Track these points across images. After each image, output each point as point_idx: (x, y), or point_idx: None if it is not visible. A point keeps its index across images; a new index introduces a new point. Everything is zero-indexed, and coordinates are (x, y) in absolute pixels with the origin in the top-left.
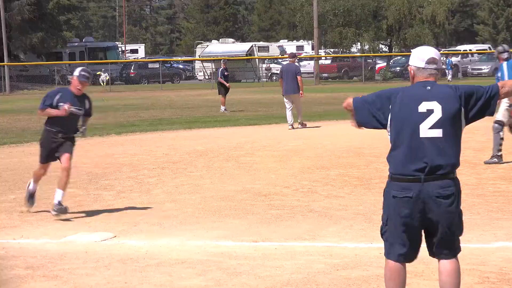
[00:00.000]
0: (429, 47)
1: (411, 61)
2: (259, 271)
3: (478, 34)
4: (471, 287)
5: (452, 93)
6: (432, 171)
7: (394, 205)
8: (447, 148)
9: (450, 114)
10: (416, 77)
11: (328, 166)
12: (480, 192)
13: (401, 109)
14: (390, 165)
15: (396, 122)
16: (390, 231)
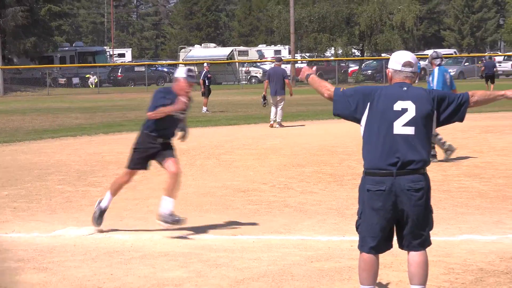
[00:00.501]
0: (407, 52)
1: (389, 64)
2: (238, 263)
3: (444, 40)
4: (437, 278)
5: (426, 95)
6: (403, 165)
7: (368, 199)
8: (418, 145)
9: (422, 114)
10: (394, 79)
11: (303, 163)
12: (446, 188)
13: (377, 106)
14: (365, 161)
15: (372, 118)
16: (364, 224)
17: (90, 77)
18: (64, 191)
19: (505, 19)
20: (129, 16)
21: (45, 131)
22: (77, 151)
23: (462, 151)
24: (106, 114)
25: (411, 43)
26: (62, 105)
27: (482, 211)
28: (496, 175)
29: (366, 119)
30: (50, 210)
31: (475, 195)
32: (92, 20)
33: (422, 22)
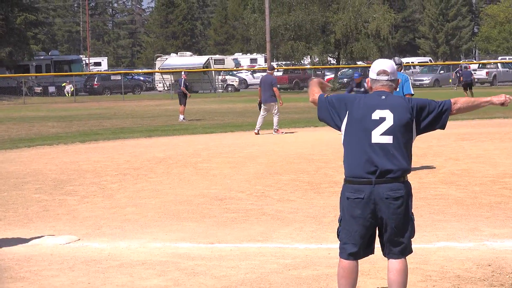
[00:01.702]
0: (385, 60)
1: (369, 73)
2: (215, 271)
3: (419, 48)
4: (414, 285)
5: (405, 104)
6: (382, 174)
7: (347, 206)
8: (396, 154)
9: (401, 123)
10: (373, 88)
11: (280, 171)
12: (423, 195)
13: (356, 115)
14: (345, 169)
15: (351, 126)
16: (344, 232)
17: (66, 86)
18: (40, 200)
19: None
20: (105, 25)
21: (21, 140)
22: (54, 160)
23: (439, 159)
24: (83, 122)
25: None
26: (38, 114)
27: (459, 218)
28: (472, 182)
29: (345, 127)
30: (27, 219)
31: (452, 202)
32: (67, 28)
33: (398, 30)
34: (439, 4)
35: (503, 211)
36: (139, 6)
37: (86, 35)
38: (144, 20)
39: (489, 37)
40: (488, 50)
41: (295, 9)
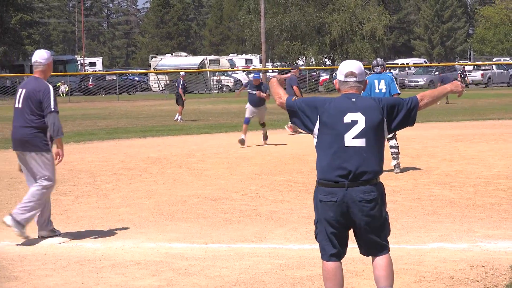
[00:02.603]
0: (352, 62)
1: (337, 75)
2: (209, 271)
3: (415, 49)
4: (408, 286)
5: (375, 105)
6: (355, 177)
7: (321, 209)
8: (369, 156)
9: (373, 125)
10: (341, 90)
11: (274, 172)
12: (417, 197)
13: (328, 119)
14: (318, 171)
15: (323, 130)
16: (320, 233)
17: (61, 86)
18: None
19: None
20: (100, 25)
21: None
22: None
23: (433, 160)
24: (77, 122)
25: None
26: None
27: (453, 219)
28: (466, 183)
29: (317, 130)
30: None
31: (446, 203)
32: (62, 29)
33: (393, 31)
34: (434, 5)
35: (497, 212)
36: (134, 7)
37: (81, 35)
38: (139, 21)
39: (484, 38)
40: (483, 51)
41: (290, 9)
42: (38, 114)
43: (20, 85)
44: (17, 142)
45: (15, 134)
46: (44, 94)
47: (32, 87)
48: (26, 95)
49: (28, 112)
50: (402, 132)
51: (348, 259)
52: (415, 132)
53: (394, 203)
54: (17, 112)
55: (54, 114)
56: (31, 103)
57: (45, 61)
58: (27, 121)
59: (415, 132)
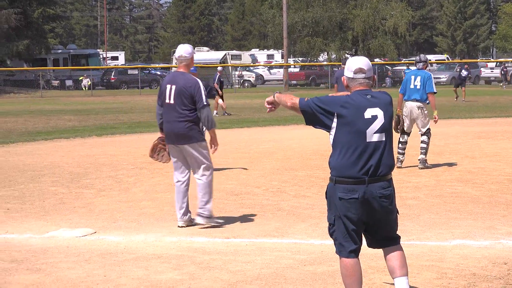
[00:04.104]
0: (360, 58)
1: (344, 72)
2: (231, 266)
3: (437, 45)
4: (430, 282)
5: (390, 99)
6: (375, 173)
7: (341, 206)
8: (388, 151)
9: (390, 119)
10: (350, 87)
11: (296, 167)
12: (438, 193)
13: (347, 116)
14: (334, 169)
15: (342, 128)
16: (338, 231)
17: (83, 80)
18: (57, 193)
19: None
20: (123, 19)
21: (38, 133)
22: (71, 153)
23: (455, 157)
24: (100, 116)
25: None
26: (55, 107)
27: (475, 216)
28: (489, 180)
29: (335, 128)
30: (43, 212)
31: (468, 200)
32: (85, 23)
33: (415, 28)
34: (457, 2)
35: None
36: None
37: (103, 29)
38: (162, 15)
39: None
40: (506, 48)
41: (313, 5)
42: (191, 108)
43: (166, 80)
44: (172, 136)
45: (169, 129)
46: (195, 89)
47: (183, 82)
48: (178, 91)
49: (181, 107)
50: None
51: (369, 255)
52: (437, 129)
53: (416, 199)
54: (169, 107)
55: (207, 108)
56: (184, 98)
57: (189, 56)
58: (182, 116)
59: (437, 129)
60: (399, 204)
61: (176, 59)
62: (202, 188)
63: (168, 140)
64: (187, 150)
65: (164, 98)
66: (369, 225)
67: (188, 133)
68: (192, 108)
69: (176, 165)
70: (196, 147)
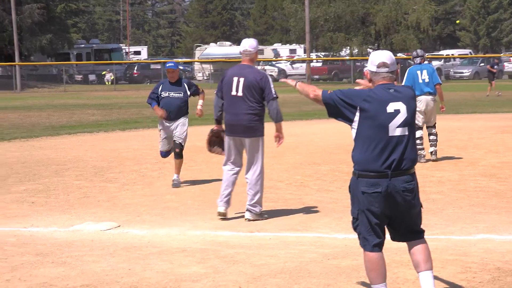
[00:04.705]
0: (383, 52)
1: (368, 65)
2: (255, 259)
3: (460, 40)
4: (454, 276)
5: (413, 93)
6: (398, 167)
7: (364, 201)
8: (410, 145)
9: (412, 114)
10: (373, 81)
11: (319, 162)
12: (462, 188)
13: (370, 110)
14: (357, 163)
15: (364, 122)
16: (362, 225)
17: (106, 74)
18: (81, 187)
19: None
20: (145, 14)
21: (62, 127)
22: (94, 147)
23: (479, 151)
24: (123, 111)
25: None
26: (78, 101)
27: (499, 210)
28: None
29: (358, 122)
30: (68, 205)
31: (492, 194)
32: (108, 17)
33: (438, 22)
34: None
35: None
36: None
37: (126, 24)
38: (184, 10)
39: None
40: None
41: (335, 0)
42: (260, 101)
43: (230, 73)
44: (239, 128)
45: (235, 121)
46: (265, 82)
47: (253, 76)
48: (247, 83)
49: (251, 100)
50: (447, 123)
51: (393, 249)
52: (461, 123)
53: (439, 194)
54: (236, 100)
55: (276, 100)
56: (253, 91)
57: (253, 50)
58: (251, 108)
59: (460, 123)
60: (423, 198)
61: (240, 53)
62: (253, 185)
63: (231, 132)
64: (248, 144)
65: (229, 90)
66: (392, 219)
67: (255, 126)
68: (260, 101)
69: (230, 156)
70: (258, 142)
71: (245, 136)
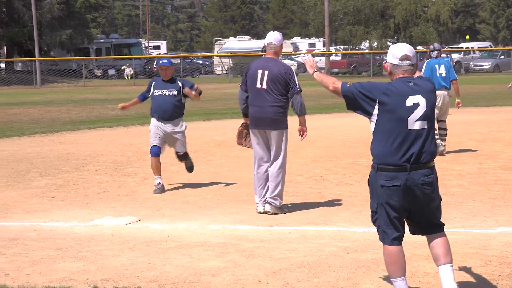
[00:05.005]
0: (404, 45)
1: (388, 58)
2: (274, 253)
3: (480, 33)
4: (474, 269)
5: (432, 87)
6: (417, 160)
7: (383, 194)
8: (430, 138)
9: (432, 107)
10: (393, 74)
11: (338, 155)
12: (482, 181)
13: (389, 103)
14: (376, 157)
15: (384, 115)
16: (381, 219)
17: (126, 69)
18: (101, 181)
19: None
20: (164, 8)
21: (82, 122)
22: (114, 142)
23: (498, 144)
24: (142, 105)
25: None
26: (98, 96)
27: None
28: None
29: (377, 115)
30: (88, 200)
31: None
32: (127, 12)
33: (458, 15)
34: None
35: None
36: None
37: (145, 18)
38: (203, 4)
39: None
40: None
41: None
42: (284, 94)
43: (255, 66)
44: (261, 121)
45: (259, 113)
46: (290, 75)
47: (277, 68)
48: (271, 76)
49: (276, 93)
50: (467, 116)
51: (413, 242)
52: (481, 116)
53: (459, 187)
54: (261, 92)
55: (300, 94)
56: (278, 84)
57: (278, 43)
58: (276, 101)
59: (480, 116)
60: (442, 191)
61: (265, 46)
62: (275, 177)
63: (255, 125)
64: (272, 136)
65: (254, 83)
66: (411, 213)
67: (279, 119)
68: (285, 94)
69: (259, 151)
70: (281, 134)
71: (270, 129)
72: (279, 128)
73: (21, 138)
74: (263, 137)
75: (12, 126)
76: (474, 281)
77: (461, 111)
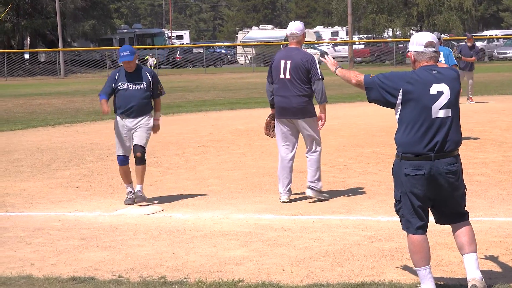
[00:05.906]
0: (427, 33)
1: (411, 47)
2: (298, 242)
3: (503, 21)
4: (499, 258)
5: (456, 75)
6: (441, 149)
7: (407, 183)
8: (454, 127)
9: (456, 95)
10: (417, 62)
11: (362, 144)
12: (506, 169)
13: (413, 92)
14: (400, 145)
15: (407, 104)
16: (405, 208)
17: (149, 59)
18: None
19: None
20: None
21: None
22: None
23: None
24: (166, 95)
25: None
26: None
27: None
28: None
29: (401, 105)
30: (112, 190)
31: None
32: (150, 2)
33: (481, 3)
34: None
35: None
36: None
37: (168, 8)
38: None
39: None
40: None
41: None
42: (307, 82)
43: (278, 56)
44: (288, 111)
45: (285, 103)
46: (311, 63)
47: (300, 57)
48: (294, 65)
49: (298, 82)
50: (491, 105)
51: (437, 231)
52: (505, 105)
53: (483, 175)
54: (285, 82)
55: (322, 81)
56: (301, 73)
57: (300, 32)
58: (300, 90)
59: (505, 104)
60: (466, 180)
61: (287, 36)
62: (314, 162)
63: (282, 115)
64: (301, 125)
65: (278, 74)
66: (435, 201)
67: (305, 107)
68: (308, 82)
69: (284, 141)
70: (310, 122)
71: (297, 118)
72: (307, 116)
73: (45, 128)
74: (289, 126)
75: (36, 117)
76: (499, 270)
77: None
